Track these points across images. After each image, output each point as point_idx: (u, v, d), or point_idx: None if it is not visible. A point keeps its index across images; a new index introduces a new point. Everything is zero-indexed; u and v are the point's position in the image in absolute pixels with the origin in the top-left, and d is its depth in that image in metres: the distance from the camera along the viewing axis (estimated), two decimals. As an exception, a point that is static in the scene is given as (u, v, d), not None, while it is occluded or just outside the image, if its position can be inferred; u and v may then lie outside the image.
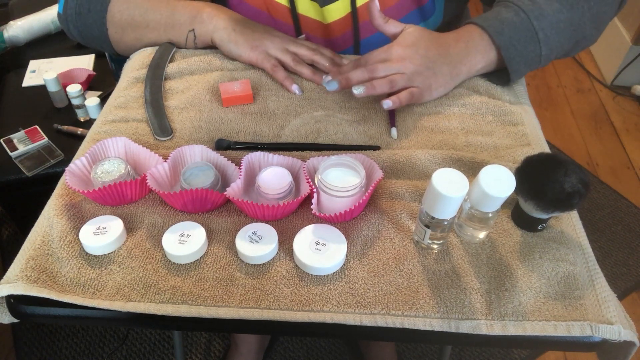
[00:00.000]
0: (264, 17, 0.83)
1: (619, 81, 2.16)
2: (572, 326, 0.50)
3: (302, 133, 0.70)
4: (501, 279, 0.53)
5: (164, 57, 0.79)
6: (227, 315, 0.51)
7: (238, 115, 0.73)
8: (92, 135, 0.69)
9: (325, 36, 0.84)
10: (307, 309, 0.51)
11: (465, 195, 0.50)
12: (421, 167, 0.64)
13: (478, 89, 0.76)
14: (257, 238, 0.55)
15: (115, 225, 0.56)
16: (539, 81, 2.24)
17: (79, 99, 1.23)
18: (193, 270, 0.54)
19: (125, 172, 0.60)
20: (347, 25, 0.82)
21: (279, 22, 0.83)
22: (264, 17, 0.83)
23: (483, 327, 0.50)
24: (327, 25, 0.83)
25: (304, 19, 0.82)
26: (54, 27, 1.52)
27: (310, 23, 0.83)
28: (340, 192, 0.55)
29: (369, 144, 0.69)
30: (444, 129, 0.71)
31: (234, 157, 0.64)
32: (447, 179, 0.49)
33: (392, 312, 0.51)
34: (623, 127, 2.01)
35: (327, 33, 0.84)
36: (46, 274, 0.53)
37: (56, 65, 1.42)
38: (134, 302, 0.51)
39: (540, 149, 0.67)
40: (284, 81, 0.76)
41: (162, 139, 0.68)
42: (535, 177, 0.53)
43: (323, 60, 0.77)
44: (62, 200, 0.60)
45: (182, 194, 0.56)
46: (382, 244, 0.57)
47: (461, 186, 0.49)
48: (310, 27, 0.83)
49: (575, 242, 0.57)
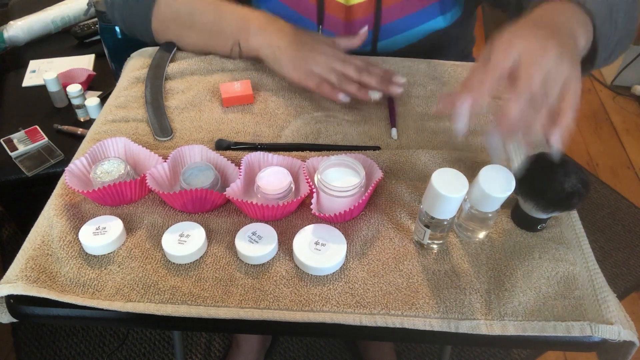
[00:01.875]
0: None
1: (619, 81, 2.16)
2: (572, 326, 0.50)
3: (302, 133, 0.70)
4: (501, 279, 0.53)
5: (165, 57, 0.80)
6: (226, 315, 0.51)
7: (238, 115, 0.73)
8: (92, 135, 0.69)
9: (347, 18, 0.83)
10: (307, 309, 0.51)
11: (465, 195, 0.50)
12: (421, 168, 0.64)
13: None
14: (257, 238, 0.55)
15: (115, 225, 0.56)
16: (539, 81, 2.24)
17: (79, 99, 1.23)
18: (193, 271, 0.54)
19: (125, 172, 0.60)
20: (369, 9, 0.82)
21: (302, 3, 0.83)
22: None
23: (483, 327, 0.50)
24: (349, 7, 0.82)
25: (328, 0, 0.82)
26: (54, 27, 1.52)
27: (334, 4, 0.82)
28: (340, 192, 0.55)
29: (369, 144, 0.69)
30: (444, 129, 0.71)
31: (233, 157, 0.64)
32: (447, 179, 0.49)
33: (392, 312, 0.51)
34: (623, 127, 2.01)
35: (349, 15, 0.83)
36: (46, 274, 0.53)
37: (56, 65, 1.42)
38: (133, 302, 0.51)
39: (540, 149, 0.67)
40: (330, 94, 0.72)
41: (162, 139, 0.68)
42: (535, 177, 0.53)
43: (372, 81, 0.73)
44: (62, 200, 0.60)
45: (181, 194, 0.56)
46: (381, 244, 0.57)
47: (461, 186, 0.49)
48: (333, 7, 0.83)
49: (575, 242, 0.57)
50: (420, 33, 0.84)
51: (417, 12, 0.82)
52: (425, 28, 0.84)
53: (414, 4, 0.81)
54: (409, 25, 0.83)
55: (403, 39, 0.85)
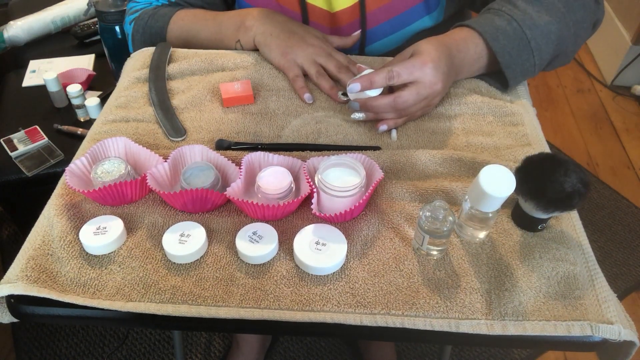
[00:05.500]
0: (272, 5, 0.83)
1: (619, 81, 2.16)
2: (572, 326, 0.50)
3: (302, 134, 0.70)
4: (501, 279, 0.54)
5: (162, 58, 0.79)
6: (227, 315, 0.51)
7: (238, 115, 0.73)
8: (92, 135, 0.69)
9: (332, 25, 0.85)
10: (307, 308, 0.51)
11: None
12: (421, 168, 0.64)
13: (479, 89, 0.76)
14: (257, 238, 0.55)
15: (115, 225, 0.56)
16: (539, 81, 2.24)
17: (79, 99, 1.23)
18: (193, 270, 0.54)
19: (125, 172, 0.60)
20: (354, 15, 0.83)
21: (285, 10, 0.84)
22: (272, 5, 0.83)
23: (483, 327, 0.50)
24: (333, 14, 0.83)
25: (312, 7, 0.83)
26: (54, 27, 1.52)
27: (318, 11, 0.83)
28: (341, 192, 0.55)
29: (370, 144, 0.69)
30: (444, 130, 0.71)
31: (234, 157, 0.64)
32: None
33: (392, 311, 0.51)
34: (623, 127, 2.01)
35: (334, 22, 0.84)
36: (46, 273, 0.53)
37: (56, 65, 1.42)
38: (134, 302, 0.51)
39: (540, 149, 0.67)
40: (299, 90, 0.76)
41: (176, 139, 0.68)
42: (535, 177, 0.53)
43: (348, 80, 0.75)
44: (62, 200, 0.60)
45: (182, 194, 0.56)
46: (382, 243, 0.57)
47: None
48: (318, 15, 0.84)
49: (575, 242, 0.57)
50: (407, 34, 0.85)
51: (403, 13, 0.82)
52: (413, 28, 0.84)
53: (398, 6, 0.81)
54: (395, 28, 0.84)
55: (391, 41, 0.86)
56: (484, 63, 0.74)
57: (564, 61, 0.76)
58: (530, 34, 0.69)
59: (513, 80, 0.72)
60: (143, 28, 0.86)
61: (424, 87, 0.66)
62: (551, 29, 0.69)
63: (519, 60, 0.70)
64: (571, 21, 0.71)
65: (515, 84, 0.73)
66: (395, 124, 0.70)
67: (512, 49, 0.69)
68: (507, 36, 0.69)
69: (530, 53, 0.70)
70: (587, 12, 0.72)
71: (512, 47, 0.69)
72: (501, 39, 0.69)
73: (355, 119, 0.71)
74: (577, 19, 0.71)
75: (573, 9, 0.71)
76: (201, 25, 0.83)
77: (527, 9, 0.70)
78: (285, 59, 0.78)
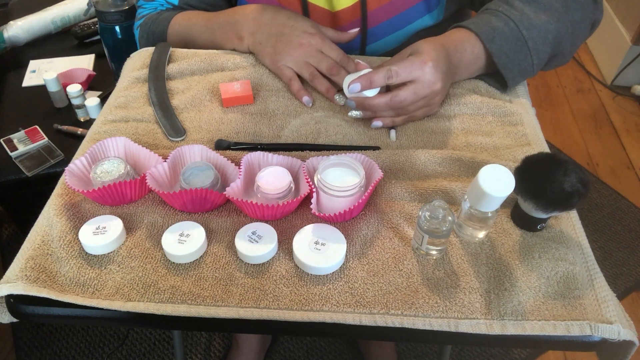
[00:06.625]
0: (273, 4, 0.83)
1: (619, 81, 2.16)
2: (572, 326, 0.50)
3: (302, 134, 0.70)
4: (500, 279, 0.54)
5: (162, 58, 0.79)
6: (226, 315, 0.51)
7: (238, 115, 0.73)
8: (92, 135, 0.69)
9: (333, 24, 0.84)
10: (307, 308, 0.51)
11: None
12: (421, 167, 0.64)
13: (478, 89, 0.76)
14: (257, 238, 0.55)
15: (114, 225, 0.56)
16: (539, 81, 2.24)
17: (79, 99, 1.23)
18: (192, 270, 0.54)
19: (125, 172, 0.60)
20: (355, 14, 0.83)
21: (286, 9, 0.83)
22: (273, 4, 0.83)
23: (482, 327, 0.50)
24: (334, 13, 0.83)
25: (313, 6, 0.83)
26: (54, 27, 1.52)
27: (319, 11, 0.83)
28: (340, 192, 0.56)
29: (369, 144, 0.69)
30: (444, 129, 0.71)
31: (233, 157, 0.64)
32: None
33: (392, 311, 0.51)
34: (623, 127, 2.01)
35: (335, 21, 0.84)
36: (46, 273, 0.53)
37: (56, 65, 1.42)
38: (133, 302, 0.51)
39: (540, 148, 0.67)
40: (296, 93, 0.76)
41: (175, 139, 0.68)
42: (535, 177, 0.53)
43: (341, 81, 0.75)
44: (61, 200, 0.60)
45: (181, 194, 0.56)
46: (381, 243, 0.57)
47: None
48: (318, 14, 0.84)
49: (575, 242, 0.57)
50: (408, 33, 0.85)
51: (403, 12, 0.82)
52: (413, 27, 0.84)
53: (399, 5, 0.81)
54: (396, 27, 0.84)
55: (392, 40, 0.86)
56: (482, 64, 0.74)
57: (561, 61, 0.76)
58: (527, 34, 0.69)
59: (511, 80, 0.72)
60: (147, 34, 0.87)
61: (422, 87, 0.66)
62: (548, 28, 0.69)
63: (516, 60, 0.70)
64: (569, 21, 0.71)
65: (514, 84, 0.73)
66: (393, 122, 0.70)
67: (509, 50, 0.69)
68: (504, 37, 0.69)
69: (527, 53, 0.70)
70: (585, 12, 0.72)
71: (509, 47, 0.69)
72: (498, 40, 0.69)
73: (352, 116, 0.71)
74: (575, 18, 0.71)
75: (571, 9, 0.71)
76: (196, 32, 0.84)
77: (524, 9, 0.70)
78: (276, 65, 0.78)
